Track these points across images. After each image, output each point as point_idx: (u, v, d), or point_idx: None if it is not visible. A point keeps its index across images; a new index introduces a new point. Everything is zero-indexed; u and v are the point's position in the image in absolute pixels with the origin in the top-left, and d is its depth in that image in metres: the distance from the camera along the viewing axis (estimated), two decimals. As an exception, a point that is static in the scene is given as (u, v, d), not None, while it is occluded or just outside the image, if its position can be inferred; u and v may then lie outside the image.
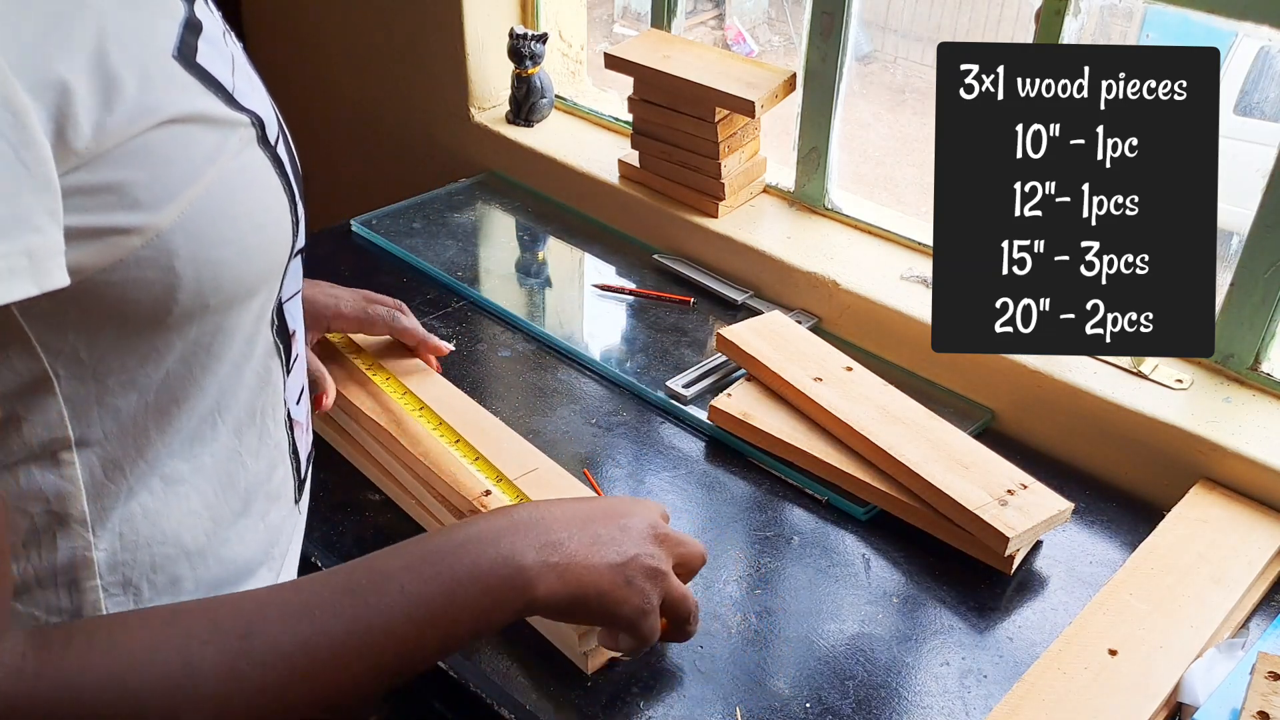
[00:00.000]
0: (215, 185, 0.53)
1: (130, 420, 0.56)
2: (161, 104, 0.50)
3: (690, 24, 5.61)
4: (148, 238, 0.50)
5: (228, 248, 0.54)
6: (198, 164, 0.52)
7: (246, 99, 0.56)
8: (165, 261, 0.52)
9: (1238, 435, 1.02)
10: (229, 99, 0.54)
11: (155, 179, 0.50)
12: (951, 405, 1.17)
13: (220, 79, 0.54)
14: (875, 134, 5.39)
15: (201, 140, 0.52)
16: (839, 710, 0.84)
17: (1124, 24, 5.35)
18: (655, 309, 1.31)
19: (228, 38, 0.59)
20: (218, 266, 0.54)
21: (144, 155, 0.49)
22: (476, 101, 1.63)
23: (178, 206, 0.51)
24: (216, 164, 0.53)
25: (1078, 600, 0.95)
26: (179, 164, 0.51)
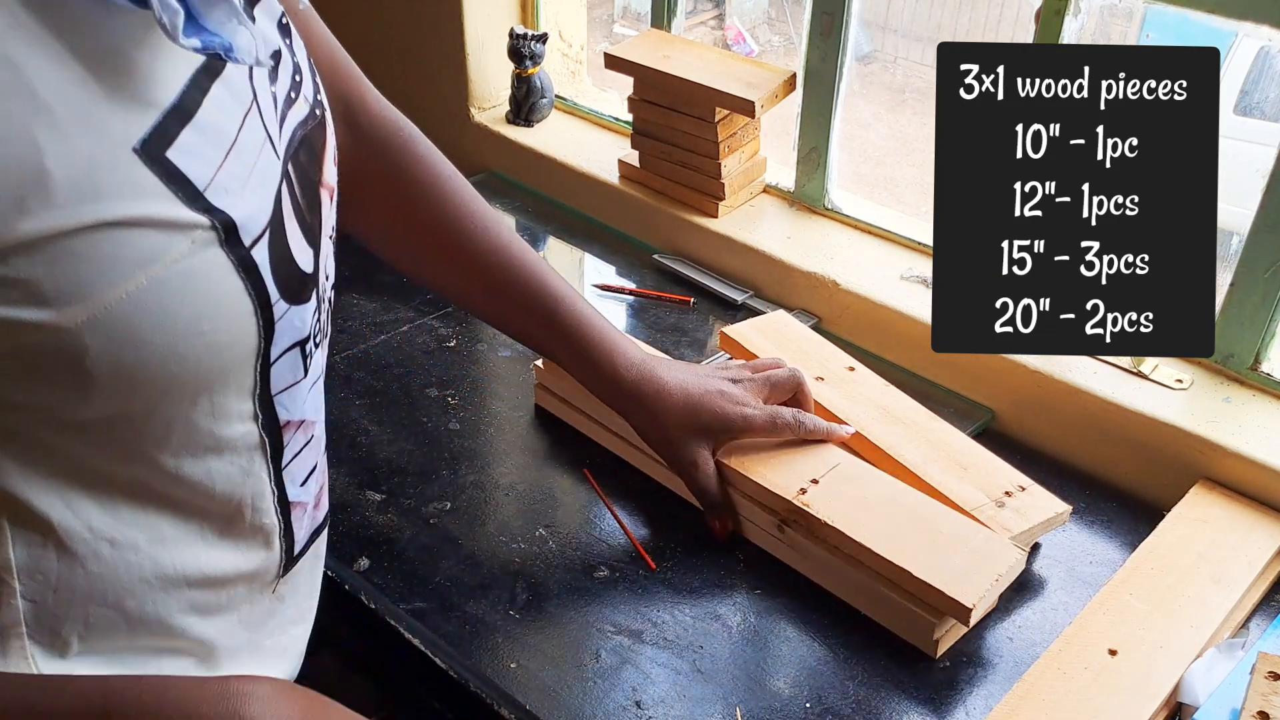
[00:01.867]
0: (143, 289, 0.49)
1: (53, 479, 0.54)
2: (97, 207, 0.47)
3: (690, 24, 5.61)
4: (47, 334, 0.48)
5: (153, 352, 0.51)
6: (125, 268, 0.48)
7: (225, 195, 0.53)
8: (71, 358, 0.49)
9: (1238, 435, 1.02)
10: (194, 197, 0.51)
11: (69, 279, 0.47)
12: (952, 405, 1.17)
13: (191, 175, 0.51)
14: (875, 134, 5.39)
15: (136, 244, 0.49)
16: (839, 710, 0.84)
17: (1124, 24, 5.35)
18: (655, 309, 1.31)
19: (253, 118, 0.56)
20: (139, 368, 0.51)
21: (62, 256, 0.46)
22: (476, 101, 1.63)
23: (89, 308, 0.48)
24: (149, 269, 0.49)
25: (1078, 600, 0.95)
26: (101, 267, 0.48)
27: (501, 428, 1.12)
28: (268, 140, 0.58)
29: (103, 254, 0.47)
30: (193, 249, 0.51)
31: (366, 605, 0.92)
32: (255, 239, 0.55)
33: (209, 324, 0.53)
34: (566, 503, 1.03)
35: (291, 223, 0.59)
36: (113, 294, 0.48)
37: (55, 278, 0.46)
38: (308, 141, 0.63)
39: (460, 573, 0.95)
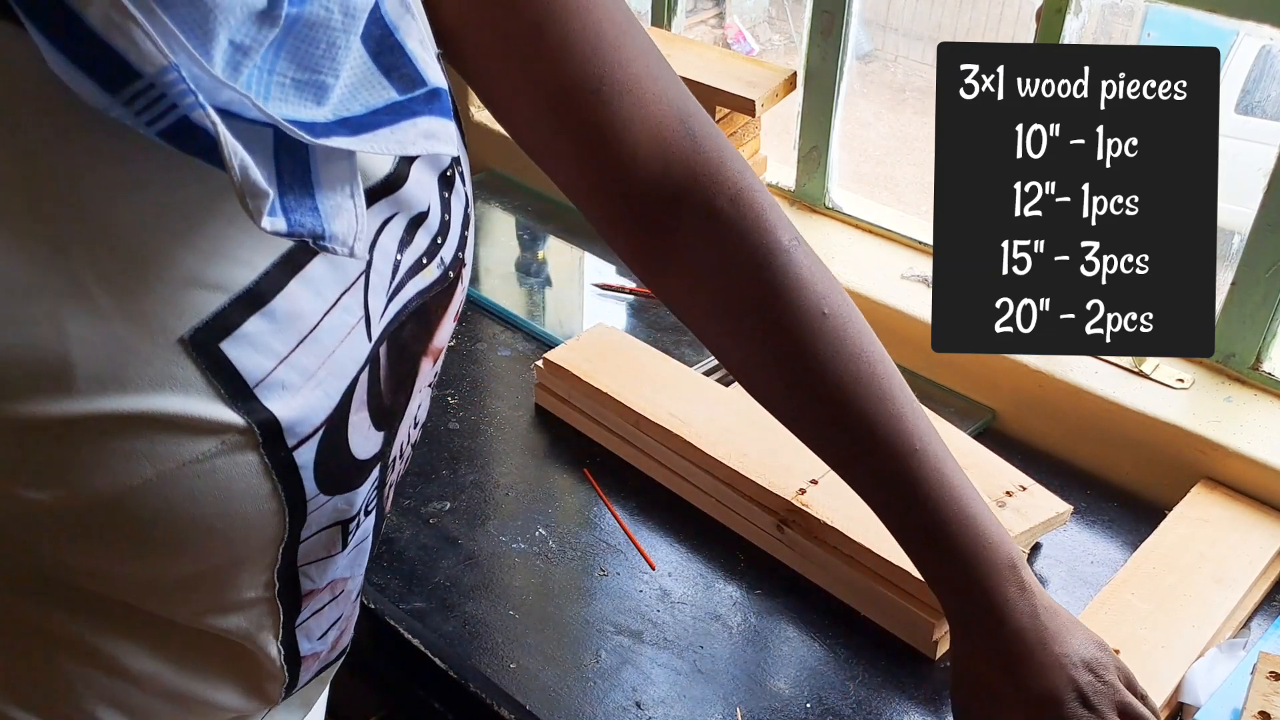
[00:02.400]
0: (149, 487, 0.42)
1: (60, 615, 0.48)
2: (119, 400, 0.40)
3: (690, 23, 5.60)
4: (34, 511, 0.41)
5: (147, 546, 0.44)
6: (130, 464, 0.41)
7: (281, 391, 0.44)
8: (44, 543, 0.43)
9: (1239, 435, 1.02)
10: (240, 395, 0.43)
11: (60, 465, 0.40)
12: (952, 405, 1.16)
13: (244, 369, 0.43)
14: (876, 133, 5.39)
15: (153, 440, 0.41)
16: (839, 710, 0.84)
17: (1125, 23, 5.34)
18: (656, 308, 1.31)
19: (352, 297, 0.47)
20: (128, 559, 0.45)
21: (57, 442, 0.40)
22: (477, 100, 1.62)
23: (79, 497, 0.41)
24: (161, 468, 0.42)
25: (1078, 600, 0.94)
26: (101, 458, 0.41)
27: (501, 427, 1.12)
28: (363, 320, 0.48)
29: (108, 446, 0.40)
30: (218, 450, 0.43)
31: (366, 605, 0.92)
32: (302, 440, 0.46)
33: (221, 523, 0.45)
34: (566, 503, 1.03)
35: (360, 413, 0.49)
36: (106, 485, 0.41)
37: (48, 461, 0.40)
38: (422, 311, 0.54)
39: (460, 573, 0.95)
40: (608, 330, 1.15)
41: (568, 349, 1.11)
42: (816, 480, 0.95)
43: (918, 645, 0.89)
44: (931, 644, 0.88)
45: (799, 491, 0.93)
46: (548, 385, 1.12)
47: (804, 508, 0.92)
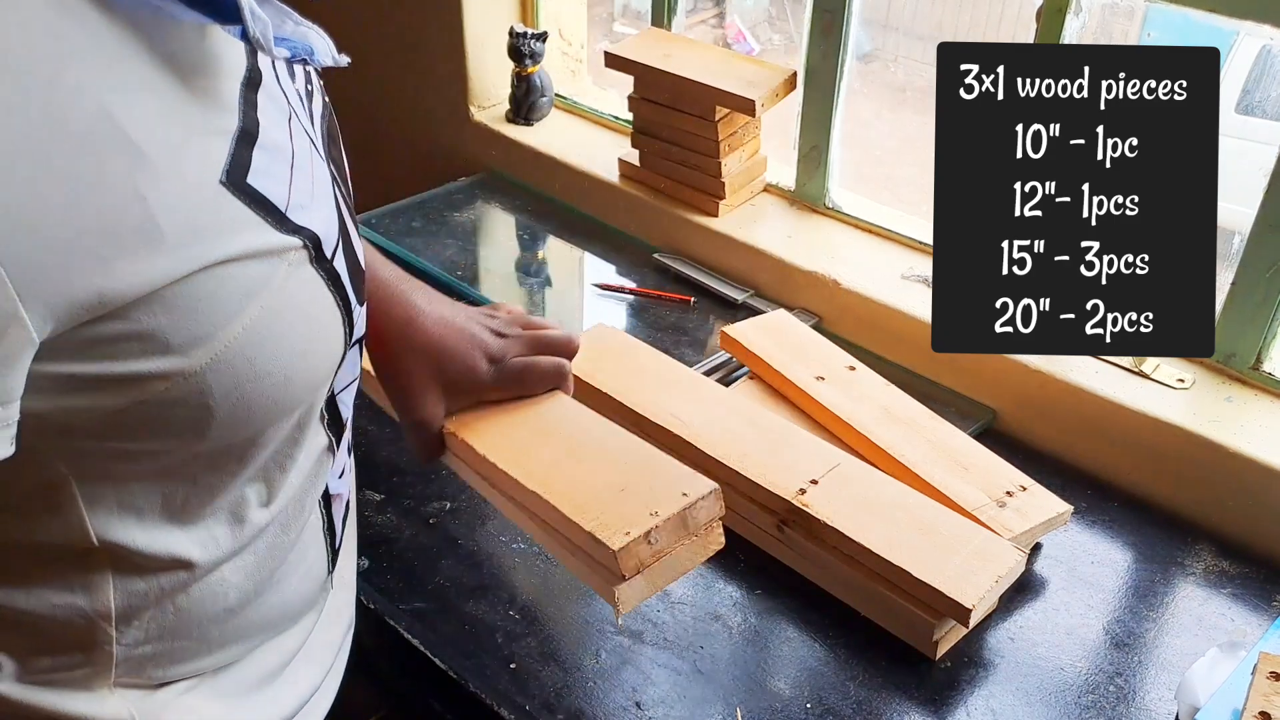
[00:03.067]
0: (255, 320, 0.49)
1: (154, 525, 0.54)
2: (202, 249, 0.46)
3: (690, 22, 5.61)
4: (173, 380, 0.47)
5: (267, 379, 0.51)
6: (236, 303, 0.48)
7: (303, 212, 0.52)
8: (197, 399, 0.49)
9: (1239, 435, 1.02)
10: (281, 220, 0.50)
11: (187, 324, 0.46)
12: (953, 405, 1.16)
13: (273, 197, 0.49)
14: (876, 133, 5.39)
15: (242, 277, 0.48)
16: (839, 710, 0.84)
17: (1125, 22, 5.34)
18: (656, 308, 1.31)
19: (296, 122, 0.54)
20: (255, 396, 0.51)
21: (176, 302, 0.45)
22: (476, 100, 1.62)
23: (211, 349, 0.48)
24: (258, 298, 0.49)
25: (1078, 600, 0.94)
26: (215, 306, 0.47)
27: (501, 427, 1.12)
28: (311, 143, 0.56)
29: (215, 293, 0.47)
30: (290, 271, 0.50)
31: (366, 605, 0.92)
32: (334, 250, 0.54)
33: (311, 343, 0.53)
34: (566, 503, 1.03)
35: (349, 222, 0.59)
36: (230, 331, 0.48)
37: (176, 325, 0.46)
38: (331, 130, 0.62)
39: (460, 573, 0.95)
40: (608, 330, 1.14)
41: (568, 349, 1.11)
42: (817, 480, 0.95)
43: (918, 645, 0.89)
44: (931, 644, 0.88)
45: (799, 491, 0.93)
46: (548, 385, 1.12)
47: (804, 508, 0.92)
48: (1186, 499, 1.05)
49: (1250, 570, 0.98)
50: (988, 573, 0.86)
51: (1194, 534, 1.03)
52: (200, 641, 0.60)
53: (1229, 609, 0.95)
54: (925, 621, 0.87)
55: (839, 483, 0.95)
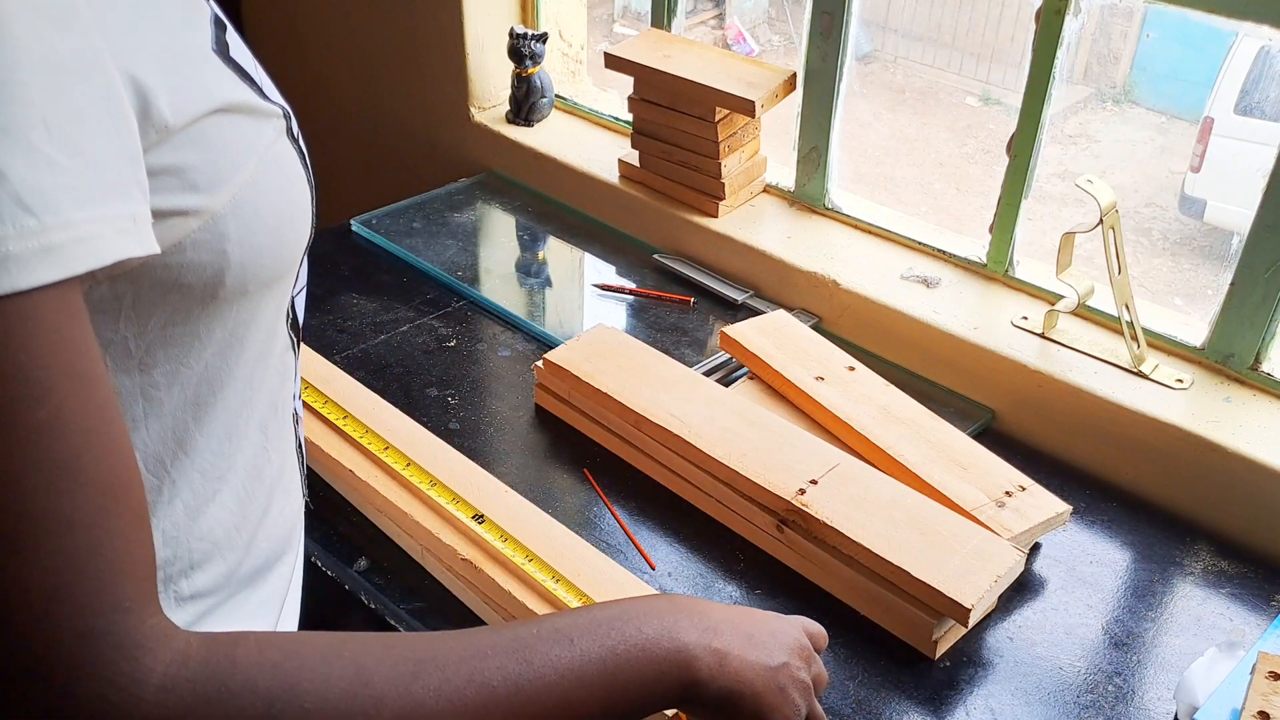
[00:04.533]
0: (258, 172, 0.54)
1: (171, 415, 0.57)
2: (212, 93, 0.51)
3: (690, 23, 5.61)
4: (204, 220, 0.51)
5: (268, 234, 0.55)
6: (243, 151, 0.53)
7: (270, 91, 0.57)
8: (218, 244, 0.53)
9: (1238, 435, 1.02)
10: (259, 92, 0.55)
11: (210, 163, 0.51)
12: (952, 405, 1.17)
13: (250, 73, 0.55)
14: (875, 133, 5.39)
15: (244, 129, 0.53)
16: (839, 710, 0.84)
17: (1124, 23, 5.34)
18: (655, 309, 1.31)
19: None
20: (259, 251, 0.55)
21: (200, 141, 0.50)
22: (476, 101, 1.63)
23: (229, 190, 0.52)
24: (257, 152, 0.54)
25: (1077, 600, 0.95)
26: (229, 150, 0.52)
27: (501, 428, 1.12)
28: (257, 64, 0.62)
29: (225, 137, 0.52)
30: (275, 137, 0.56)
31: (366, 605, 0.92)
32: (298, 133, 0.60)
33: (293, 210, 0.58)
34: (566, 503, 1.03)
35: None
36: (240, 177, 0.52)
37: (201, 162, 0.50)
38: None
39: (460, 573, 0.95)
40: (608, 330, 1.15)
41: (568, 349, 1.12)
42: (816, 480, 0.95)
43: (917, 645, 0.89)
44: (931, 644, 0.88)
45: (799, 491, 0.94)
46: (548, 385, 1.13)
47: (804, 508, 0.92)
48: (1185, 499, 1.05)
49: (1249, 570, 0.99)
50: (987, 572, 0.87)
51: (1193, 534, 1.03)
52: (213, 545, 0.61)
53: (1228, 609, 0.95)
54: (924, 621, 0.87)
55: (838, 483, 0.95)
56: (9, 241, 0.40)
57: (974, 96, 5.92)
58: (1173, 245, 4.63)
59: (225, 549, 0.62)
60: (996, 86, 5.87)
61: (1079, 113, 5.50)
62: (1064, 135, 5.27)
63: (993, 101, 5.85)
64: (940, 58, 6.18)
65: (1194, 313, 1.29)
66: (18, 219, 0.40)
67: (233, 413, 0.60)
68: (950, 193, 4.90)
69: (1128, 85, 5.57)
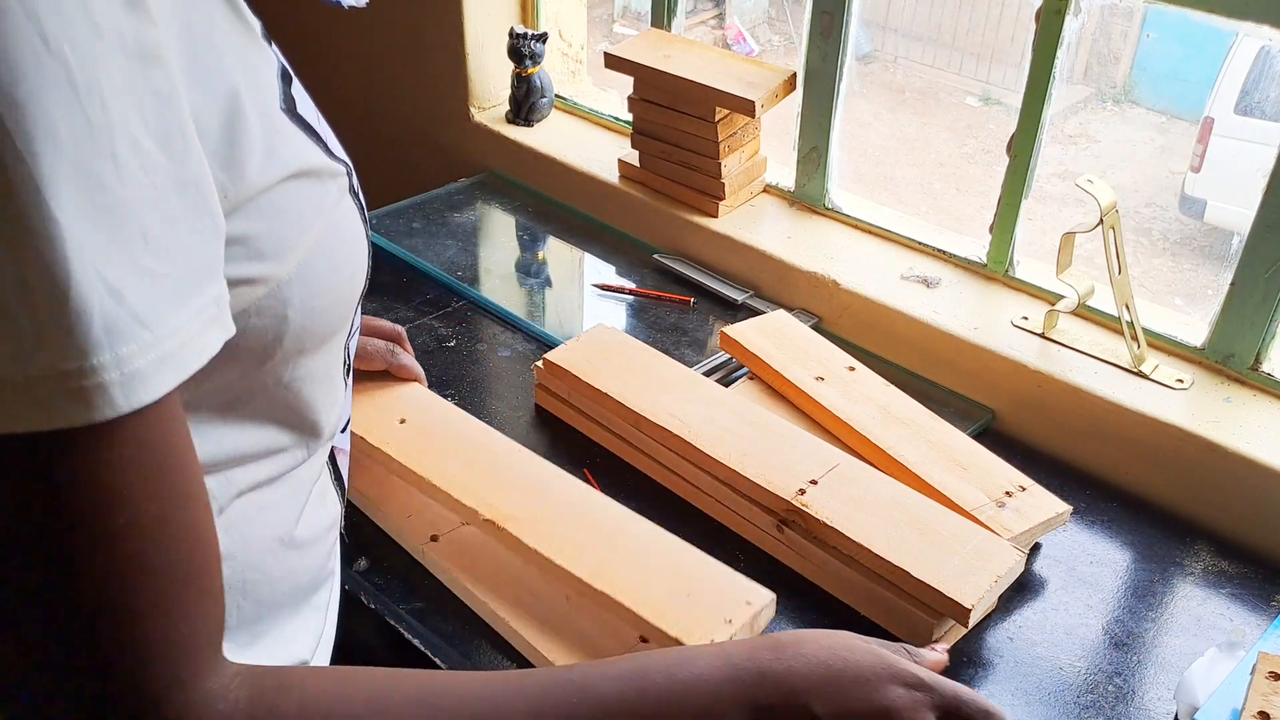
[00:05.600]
0: (322, 236, 0.54)
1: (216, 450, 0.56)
2: (283, 159, 0.50)
3: (690, 23, 5.62)
4: (270, 287, 0.51)
5: (328, 295, 0.55)
6: (309, 215, 0.52)
7: (334, 146, 0.57)
8: (280, 310, 0.52)
9: (1238, 435, 1.02)
10: (325, 148, 0.55)
11: (277, 231, 0.50)
12: (952, 405, 1.17)
13: (317, 129, 0.55)
14: (875, 134, 5.39)
15: (311, 192, 0.53)
16: (839, 710, 0.84)
17: (1124, 23, 5.34)
18: (655, 309, 1.31)
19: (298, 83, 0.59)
20: (318, 313, 0.55)
21: (268, 209, 0.50)
22: (476, 101, 1.63)
23: (296, 257, 0.52)
24: (322, 215, 0.54)
25: (1077, 600, 0.95)
26: (296, 216, 0.52)
27: (501, 428, 1.12)
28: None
29: (293, 203, 0.51)
30: (339, 195, 0.56)
31: (366, 605, 0.92)
32: (358, 186, 0.60)
33: (353, 266, 0.58)
34: (566, 503, 1.03)
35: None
36: (305, 243, 0.52)
37: (268, 231, 0.50)
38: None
39: (460, 573, 0.95)
40: (608, 330, 1.15)
41: (568, 349, 1.12)
42: (816, 480, 0.95)
43: (917, 645, 0.89)
44: (931, 644, 0.88)
45: (799, 492, 0.93)
46: (548, 385, 1.12)
47: (804, 508, 0.92)
48: (1185, 499, 1.05)
49: (1249, 570, 0.99)
50: (987, 573, 0.87)
51: (1193, 534, 1.03)
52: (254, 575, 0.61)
53: (1228, 609, 0.95)
54: (924, 621, 0.87)
55: (838, 483, 0.95)
56: (135, 359, 0.41)
57: (974, 96, 5.92)
58: (1173, 245, 4.63)
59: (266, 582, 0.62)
60: (996, 86, 5.87)
61: (1079, 113, 5.50)
62: (1064, 135, 5.27)
63: (993, 101, 5.85)
64: (940, 58, 6.18)
65: (1194, 313, 1.29)
66: (139, 335, 0.41)
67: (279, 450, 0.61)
68: (950, 193, 4.90)
69: (1128, 85, 5.57)
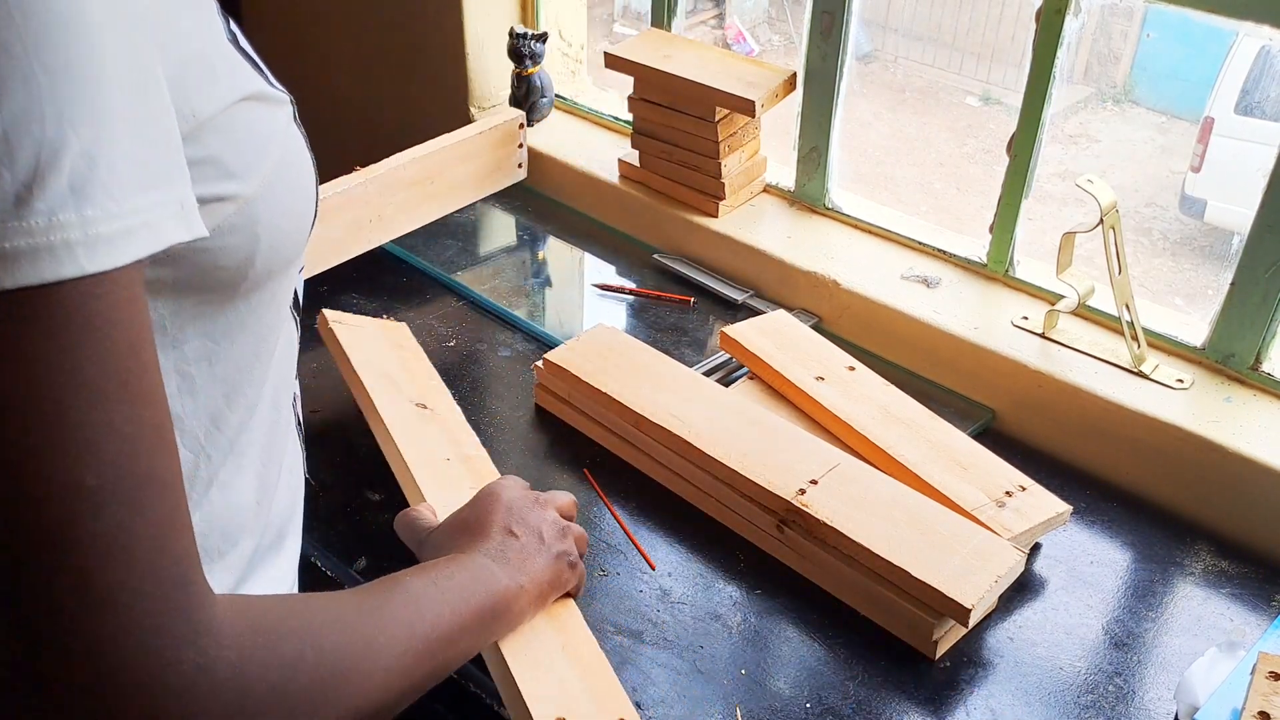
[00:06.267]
0: (279, 157, 0.57)
1: (205, 392, 0.59)
2: (236, 83, 0.53)
3: (690, 23, 5.61)
4: (239, 205, 0.54)
5: (289, 215, 0.58)
6: (268, 137, 0.56)
7: (274, 81, 0.59)
8: (250, 228, 0.55)
9: (1238, 435, 1.02)
10: (268, 79, 0.58)
11: (242, 150, 0.54)
12: (952, 405, 1.16)
13: (258, 62, 0.58)
14: (876, 133, 5.39)
15: (265, 116, 0.56)
16: (839, 710, 0.84)
17: (1124, 23, 5.34)
18: (656, 309, 1.31)
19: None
20: (283, 233, 0.58)
21: (231, 129, 0.53)
22: (476, 101, 1.63)
23: (260, 175, 0.55)
24: (276, 137, 0.57)
25: (1077, 600, 0.95)
26: (256, 137, 0.55)
27: (501, 428, 1.12)
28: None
29: (252, 125, 0.54)
30: (288, 123, 0.59)
31: (366, 605, 0.92)
32: (297, 118, 0.62)
33: (306, 192, 0.61)
34: (566, 503, 1.03)
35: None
36: (267, 162, 0.55)
37: (234, 150, 0.53)
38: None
39: (460, 573, 0.95)
40: (608, 330, 1.15)
41: (568, 349, 1.12)
42: (816, 480, 0.95)
43: (917, 645, 0.89)
44: (931, 644, 0.88)
45: (799, 491, 0.93)
46: (548, 385, 1.12)
47: (804, 508, 0.92)
48: (1186, 499, 1.05)
49: (1249, 570, 0.99)
50: (987, 572, 0.87)
51: (1193, 534, 1.03)
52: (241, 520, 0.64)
53: (1228, 609, 0.95)
54: (925, 621, 0.87)
55: (838, 483, 0.95)
56: (99, 224, 0.43)
57: (974, 96, 5.92)
58: (1173, 245, 4.63)
59: (250, 524, 0.66)
60: (997, 86, 5.87)
61: (1079, 112, 5.50)
62: (1064, 135, 5.27)
63: (993, 101, 5.85)
64: (940, 57, 6.18)
65: (1194, 313, 1.29)
66: (105, 204, 0.43)
67: (255, 389, 0.63)
68: (950, 192, 4.90)
69: (1128, 85, 5.57)
